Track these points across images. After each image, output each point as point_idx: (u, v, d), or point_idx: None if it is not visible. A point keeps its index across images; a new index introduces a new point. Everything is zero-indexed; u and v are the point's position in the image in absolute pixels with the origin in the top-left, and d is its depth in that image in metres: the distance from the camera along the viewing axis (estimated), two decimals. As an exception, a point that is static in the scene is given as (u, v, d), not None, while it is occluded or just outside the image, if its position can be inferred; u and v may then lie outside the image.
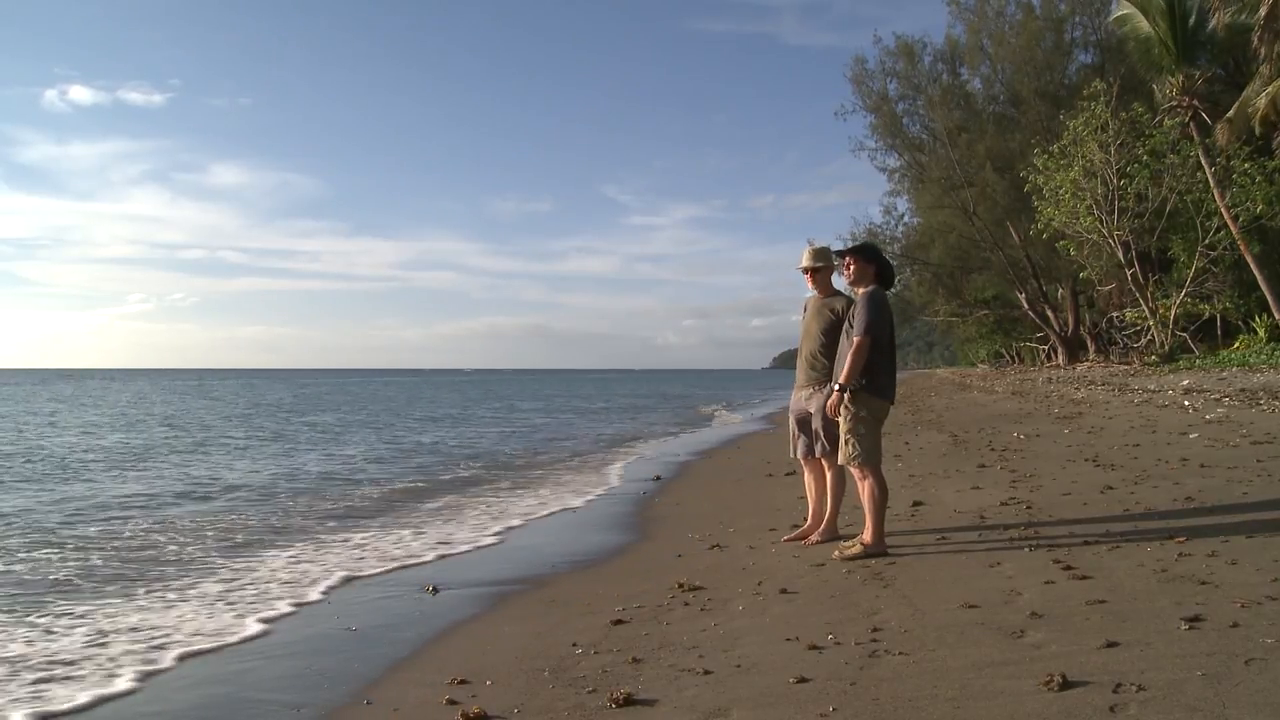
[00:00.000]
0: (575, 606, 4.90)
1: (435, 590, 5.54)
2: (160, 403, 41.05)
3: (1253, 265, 23.73)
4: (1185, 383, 18.25)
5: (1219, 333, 30.41)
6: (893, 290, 5.69)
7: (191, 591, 5.68)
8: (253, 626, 4.83)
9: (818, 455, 5.85)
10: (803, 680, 3.31)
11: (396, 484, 11.38)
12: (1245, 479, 7.02)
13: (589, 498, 9.76)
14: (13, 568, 6.47)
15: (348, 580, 5.92)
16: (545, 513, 8.79)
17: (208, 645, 4.50)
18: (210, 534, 7.80)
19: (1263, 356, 22.62)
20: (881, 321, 5.33)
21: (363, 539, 7.45)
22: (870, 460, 5.33)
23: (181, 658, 4.32)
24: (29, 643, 4.60)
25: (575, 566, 6.13)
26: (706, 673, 3.53)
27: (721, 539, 6.52)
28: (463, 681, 3.70)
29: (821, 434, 5.72)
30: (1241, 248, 23.86)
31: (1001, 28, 35.58)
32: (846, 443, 5.38)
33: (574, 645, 4.07)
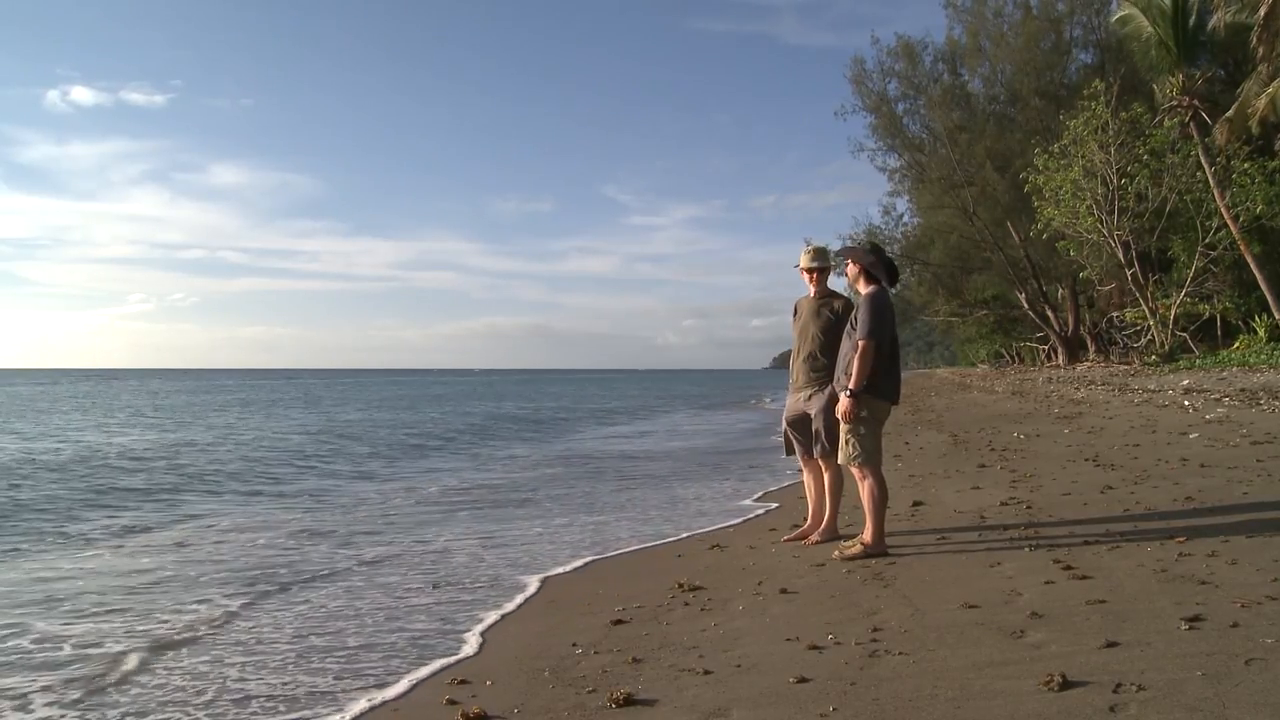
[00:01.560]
0: (575, 606, 4.90)
1: (435, 587, 5.54)
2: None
3: (1253, 265, 23.73)
4: (1185, 383, 18.25)
5: (1219, 333, 30.40)
6: (893, 290, 5.69)
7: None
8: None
9: (817, 456, 5.84)
10: (803, 680, 3.31)
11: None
12: (1245, 479, 7.02)
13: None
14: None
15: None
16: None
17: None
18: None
19: (1263, 356, 22.62)
20: (884, 324, 5.32)
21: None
22: (870, 461, 5.33)
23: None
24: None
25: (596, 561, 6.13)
26: (706, 673, 3.53)
27: (721, 539, 6.52)
28: (463, 681, 3.70)
29: (822, 434, 5.71)
30: (1241, 248, 23.86)
31: (1000, 28, 35.61)
32: (847, 443, 5.38)
33: (574, 645, 4.07)
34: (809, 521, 6.11)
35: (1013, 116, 36.49)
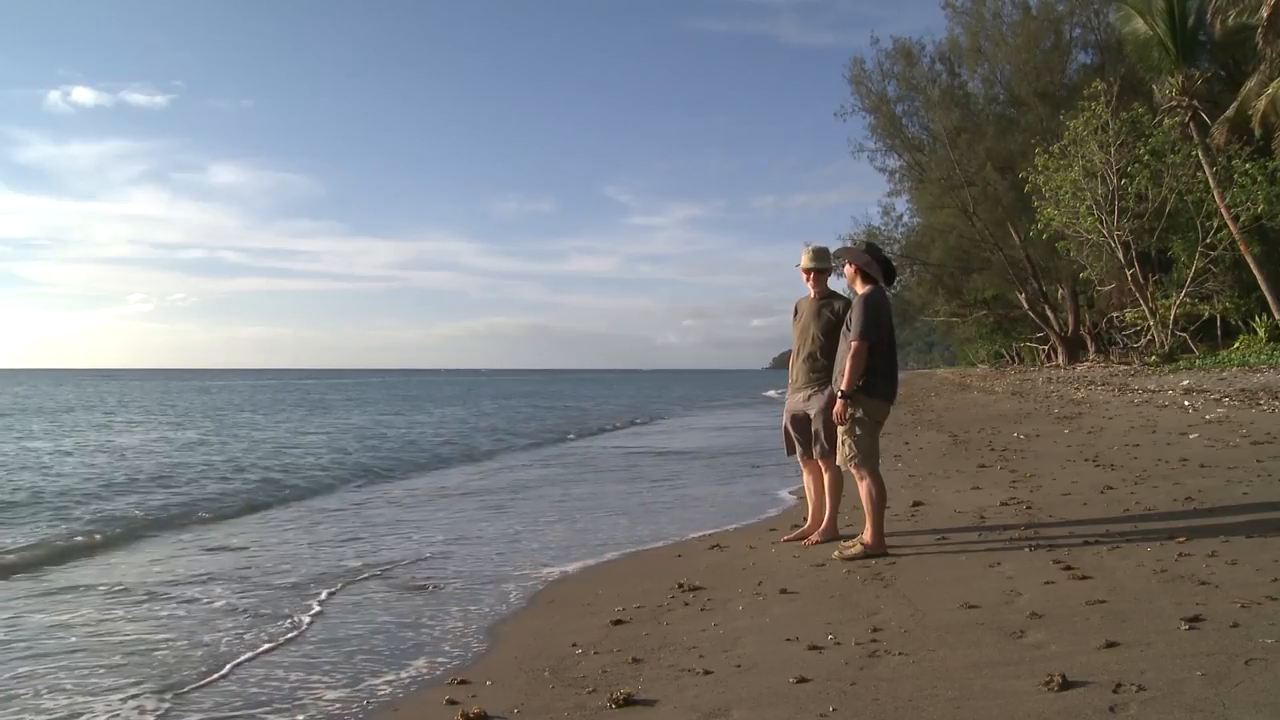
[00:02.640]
0: (575, 606, 4.90)
1: (435, 589, 5.54)
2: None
3: (1253, 265, 23.73)
4: (1185, 383, 18.26)
5: (1219, 333, 30.42)
6: (893, 290, 5.68)
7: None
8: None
9: (816, 456, 5.84)
10: (803, 680, 3.31)
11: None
12: (1245, 479, 7.02)
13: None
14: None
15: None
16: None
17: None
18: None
19: (1263, 356, 22.61)
20: (879, 325, 5.32)
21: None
22: (867, 461, 5.33)
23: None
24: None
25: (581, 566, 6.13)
26: (706, 673, 3.53)
27: (721, 539, 6.52)
28: (463, 681, 3.70)
29: (821, 435, 5.71)
30: (1241, 248, 23.86)
31: (999, 28, 35.59)
32: (844, 443, 5.38)
33: (574, 645, 4.07)
34: (809, 522, 6.11)
35: (1013, 117, 36.49)
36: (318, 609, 5.19)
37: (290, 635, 4.67)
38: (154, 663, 4.23)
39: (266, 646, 4.47)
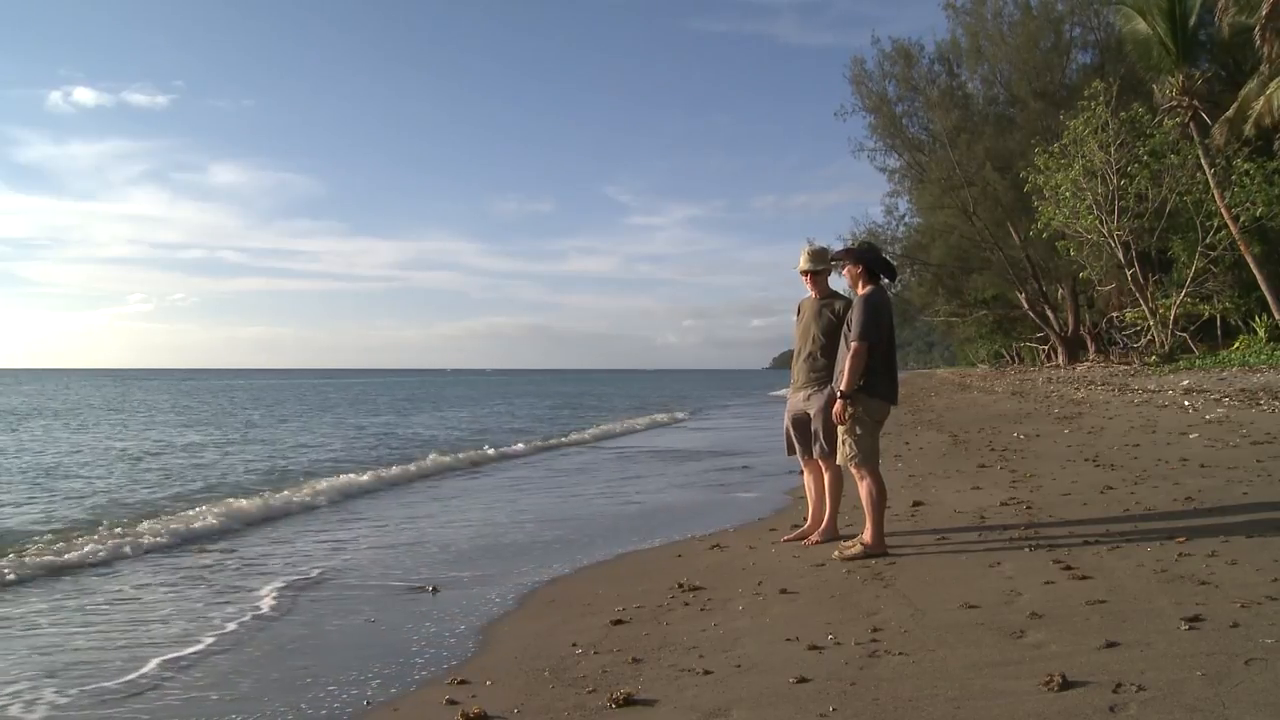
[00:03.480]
0: (575, 606, 4.90)
1: (435, 590, 5.54)
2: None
3: (1253, 265, 23.73)
4: (1185, 383, 18.26)
5: (1219, 333, 30.42)
6: (893, 290, 5.69)
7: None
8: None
9: (816, 456, 5.84)
10: (803, 680, 3.31)
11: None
12: (1245, 479, 7.02)
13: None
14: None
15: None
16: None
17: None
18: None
19: (1263, 356, 22.61)
20: (878, 326, 5.32)
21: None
22: (868, 461, 5.33)
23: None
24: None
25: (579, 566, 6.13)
26: (706, 673, 3.53)
27: (721, 539, 6.52)
28: (463, 681, 3.70)
29: (821, 435, 5.71)
30: (1241, 248, 23.86)
31: (999, 29, 35.57)
32: (844, 443, 5.38)
33: (574, 645, 4.07)
34: (809, 522, 6.12)
35: (1012, 117, 36.47)
36: (318, 606, 5.20)
37: (290, 634, 4.67)
38: (89, 662, 4.24)
39: (260, 645, 4.47)
